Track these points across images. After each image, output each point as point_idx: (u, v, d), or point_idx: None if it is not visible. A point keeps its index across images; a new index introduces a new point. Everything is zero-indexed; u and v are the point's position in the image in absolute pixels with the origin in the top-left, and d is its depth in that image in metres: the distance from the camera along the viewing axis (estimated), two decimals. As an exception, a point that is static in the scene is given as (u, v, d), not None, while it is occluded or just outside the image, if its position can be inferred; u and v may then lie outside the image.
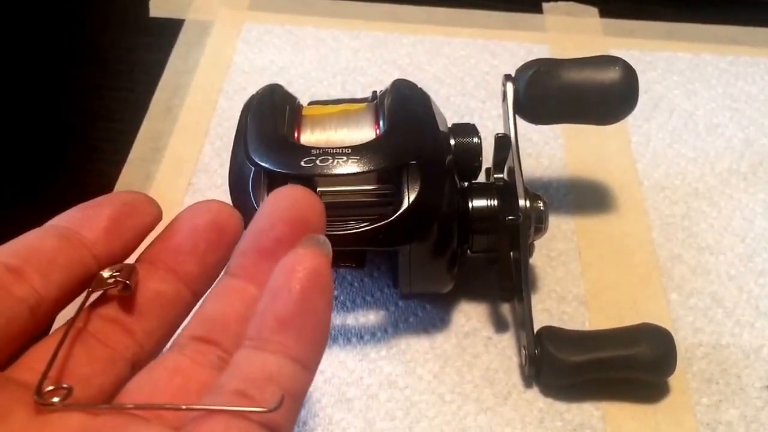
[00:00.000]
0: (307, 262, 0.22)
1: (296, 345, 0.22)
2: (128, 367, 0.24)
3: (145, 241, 0.27)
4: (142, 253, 0.26)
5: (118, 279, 0.24)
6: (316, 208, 0.25)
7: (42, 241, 0.24)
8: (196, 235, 0.26)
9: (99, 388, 0.23)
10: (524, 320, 0.39)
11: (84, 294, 0.25)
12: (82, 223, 0.25)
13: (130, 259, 0.26)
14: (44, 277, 0.23)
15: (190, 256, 0.26)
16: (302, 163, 0.36)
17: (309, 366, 0.22)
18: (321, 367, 0.40)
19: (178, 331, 0.25)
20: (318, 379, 0.40)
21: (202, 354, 0.24)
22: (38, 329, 0.24)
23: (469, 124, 0.41)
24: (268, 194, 0.32)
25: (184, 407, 0.21)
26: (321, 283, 0.22)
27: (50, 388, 0.22)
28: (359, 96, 0.44)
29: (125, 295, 0.25)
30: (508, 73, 0.42)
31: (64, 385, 0.22)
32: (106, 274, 0.25)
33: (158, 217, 0.27)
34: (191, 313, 0.26)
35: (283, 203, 0.25)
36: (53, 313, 0.24)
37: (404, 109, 0.39)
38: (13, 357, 0.23)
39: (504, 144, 0.41)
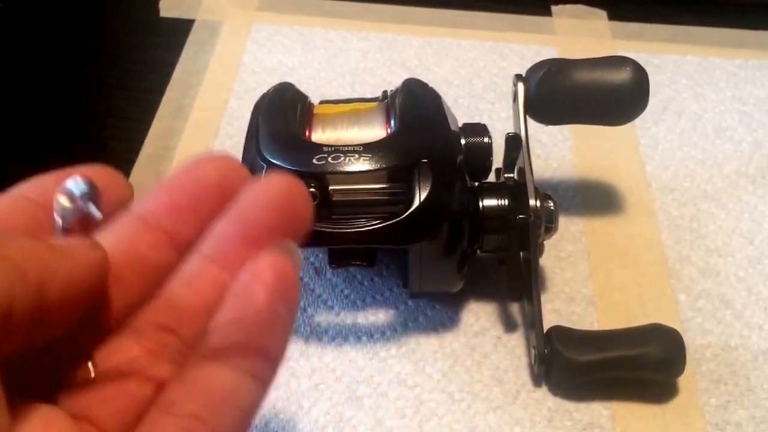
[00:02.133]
0: (273, 271, 0.21)
1: (256, 362, 0.21)
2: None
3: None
4: (137, 207, 0.24)
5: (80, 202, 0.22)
6: (303, 197, 0.23)
7: (9, 218, 0.23)
8: (199, 195, 0.23)
9: None
10: (534, 320, 0.39)
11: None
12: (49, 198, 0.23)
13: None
14: None
15: (190, 218, 0.23)
16: (314, 161, 0.36)
17: (266, 382, 0.21)
18: (332, 365, 0.40)
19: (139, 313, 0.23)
20: (329, 377, 0.40)
21: (162, 345, 0.22)
22: None
23: (479, 123, 0.41)
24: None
25: None
26: (287, 293, 0.21)
27: None
28: (368, 97, 0.44)
29: (95, 223, 0.22)
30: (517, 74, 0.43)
31: None
32: (63, 199, 0.22)
33: (128, 197, 0.24)
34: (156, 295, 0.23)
35: (271, 192, 0.23)
36: None
37: (415, 108, 0.39)
38: None
39: (515, 143, 0.41)
